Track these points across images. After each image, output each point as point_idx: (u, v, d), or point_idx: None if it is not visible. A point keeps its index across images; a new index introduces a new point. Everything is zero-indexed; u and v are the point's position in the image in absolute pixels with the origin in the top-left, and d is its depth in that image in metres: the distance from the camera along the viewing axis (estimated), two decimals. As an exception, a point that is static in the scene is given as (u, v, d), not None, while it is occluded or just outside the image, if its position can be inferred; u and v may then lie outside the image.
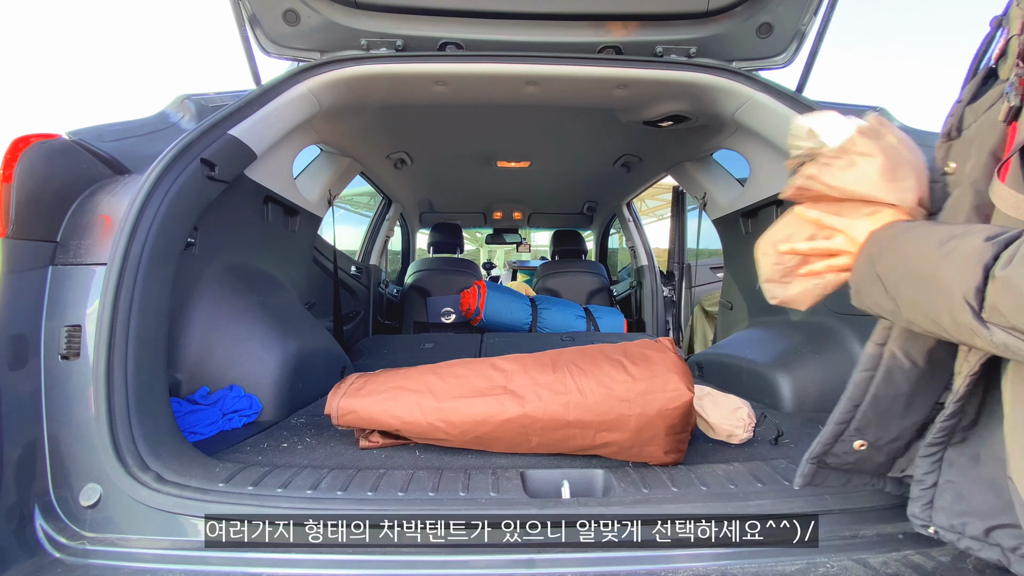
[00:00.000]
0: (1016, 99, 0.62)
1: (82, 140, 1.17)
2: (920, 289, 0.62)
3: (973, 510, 0.73)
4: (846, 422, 0.81)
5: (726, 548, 0.91)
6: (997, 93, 0.68)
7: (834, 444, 0.83)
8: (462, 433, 1.16)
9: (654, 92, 1.81)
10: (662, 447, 1.11)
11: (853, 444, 0.82)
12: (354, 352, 2.69)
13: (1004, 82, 0.67)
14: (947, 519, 0.75)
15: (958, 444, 0.75)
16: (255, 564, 0.88)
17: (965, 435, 0.74)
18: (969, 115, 0.74)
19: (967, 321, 0.55)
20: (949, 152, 0.77)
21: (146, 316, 1.09)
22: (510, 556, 0.90)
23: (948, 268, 0.57)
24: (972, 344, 0.59)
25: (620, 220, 4.00)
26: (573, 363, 1.20)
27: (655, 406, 1.09)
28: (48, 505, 0.97)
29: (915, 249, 0.63)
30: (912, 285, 0.63)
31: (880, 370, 0.78)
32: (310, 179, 2.32)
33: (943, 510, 0.76)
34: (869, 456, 0.83)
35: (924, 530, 0.78)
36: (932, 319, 0.61)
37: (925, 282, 0.61)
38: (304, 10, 1.65)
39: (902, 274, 0.64)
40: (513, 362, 1.24)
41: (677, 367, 1.14)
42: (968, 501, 0.73)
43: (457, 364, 1.28)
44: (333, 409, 1.22)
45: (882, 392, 0.78)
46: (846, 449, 0.83)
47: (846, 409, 0.81)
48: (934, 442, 0.75)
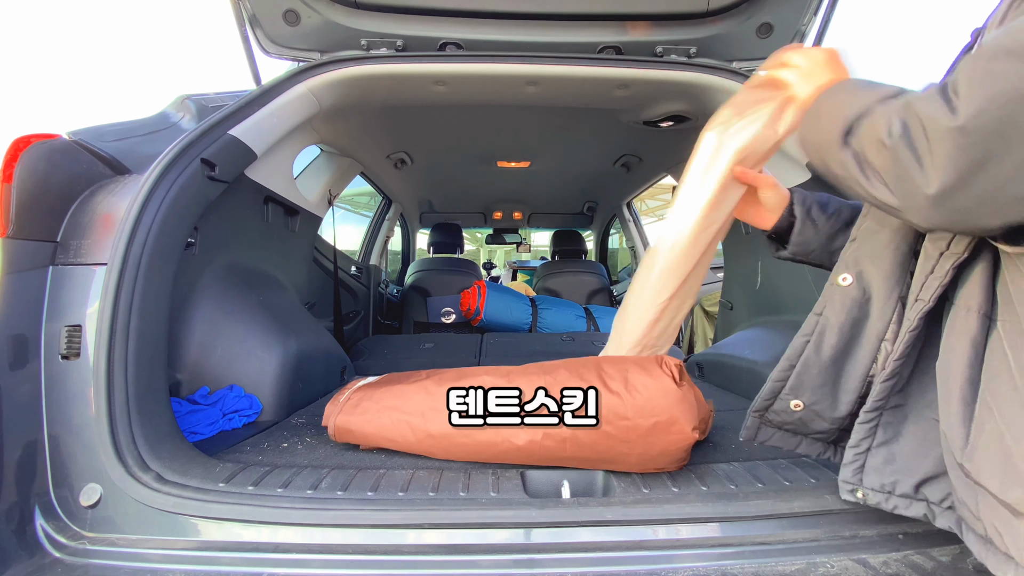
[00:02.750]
0: None
1: (82, 140, 1.17)
2: (826, 116, 0.70)
3: (903, 468, 0.78)
4: (783, 380, 0.87)
5: (726, 548, 0.91)
6: None
7: (773, 401, 0.89)
8: (456, 458, 1.15)
9: (654, 92, 1.81)
10: (663, 467, 1.09)
11: (790, 403, 0.87)
12: (354, 352, 2.69)
13: None
14: (878, 479, 0.79)
15: (892, 408, 0.79)
16: (255, 564, 0.88)
17: (899, 399, 0.79)
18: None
19: (837, 139, 0.65)
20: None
21: (146, 316, 1.09)
22: (510, 556, 0.90)
23: (849, 98, 0.68)
24: (829, 167, 0.69)
25: (620, 220, 4.00)
26: (568, 387, 1.10)
27: (657, 448, 1.04)
28: (48, 505, 0.97)
29: (844, 88, 0.72)
30: (824, 111, 0.72)
31: (814, 336, 0.84)
32: (310, 179, 2.32)
33: (874, 471, 0.80)
34: (810, 419, 0.88)
35: (852, 495, 0.82)
36: (817, 140, 0.71)
37: (831, 111, 0.70)
38: (304, 10, 1.65)
39: (828, 105, 0.72)
40: (505, 383, 1.15)
41: (682, 403, 1.04)
42: (899, 460, 0.78)
43: (448, 380, 1.20)
44: (330, 426, 1.22)
45: (812, 357, 0.84)
46: (784, 407, 0.88)
47: (783, 368, 0.87)
48: (872, 407, 0.79)
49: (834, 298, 0.83)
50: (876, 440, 0.80)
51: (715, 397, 1.85)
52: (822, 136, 0.69)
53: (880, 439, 0.80)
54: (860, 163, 0.63)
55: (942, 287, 0.70)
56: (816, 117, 0.73)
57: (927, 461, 0.77)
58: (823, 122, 0.70)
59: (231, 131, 1.41)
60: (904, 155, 0.56)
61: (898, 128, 0.57)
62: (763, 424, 0.93)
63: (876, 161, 0.60)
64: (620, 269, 4.95)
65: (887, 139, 0.58)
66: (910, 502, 0.78)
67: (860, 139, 0.62)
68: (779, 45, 1.80)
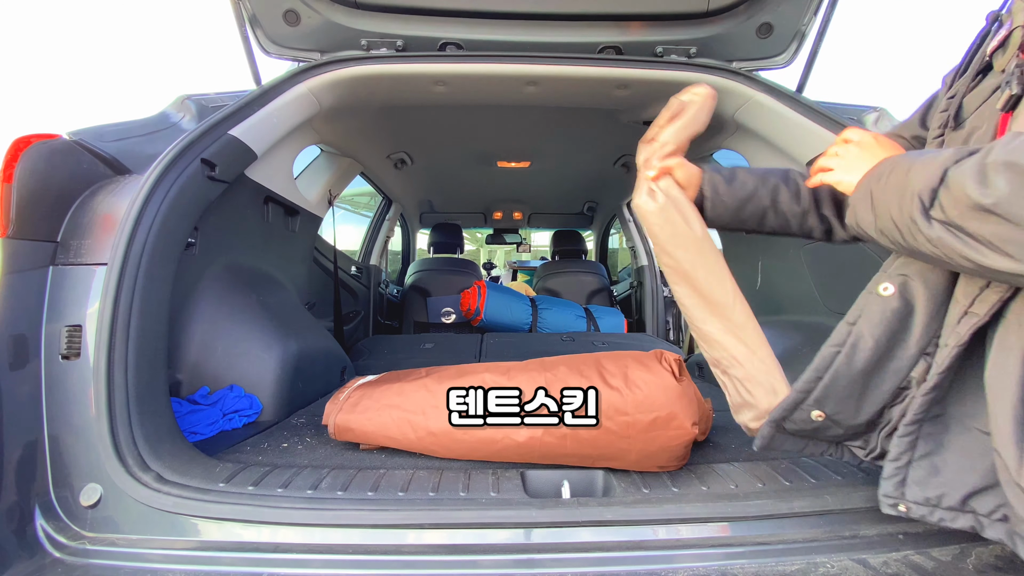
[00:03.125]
0: (1017, 87, 0.65)
1: (82, 140, 1.17)
2: (891, 194, 0.67)
3: (949, 481, 0.75)
4: (807, 391, 0.83)
5: (726, 548, 0.91)
6: (993, 85, 0.71)
7: (793, 411, 0.85)
8: (457, 456, 1.15)
9: (654, 92, 1.81)
10: (663, 465, 1.10)
11: (811, 414, 0.84)
12: (354, 352, 2.69)
13: (1000, 73, 0.70)
14: (921, 492, 0.77)
15: (934, 418, 0.77)
16: (255, 564, 0.88)
17: (939, 409, 0.76)
18: (967, 107, 0.75)
19: (916, 215, 0.62)
20: (944, 145, 0.79)
21: (146, 316, 1.09)
22: (510, 556, 0.90)
23: (915, 173, 0.63)
24: (915, 243, 0.65)
25: (620, 220, 4.00)
26: (568, 387, 1.10)
27: (657, 444, 1.04)
28: (48, 505, 0.97)
29: (903, 165, 0.68)
30: (890, 193, 0.68)
31: (845, 347, 0.80)
32: (310, 179, 2.32)
33: (917, 484, 0.77)
34: (827, 427, 0.86)
35: (893, 509, 0.80)
36: (894, 221, 0.67)
37: (897, 188, 0.66)
38: (304, 10, 1.65)
39: (888, 186, 0.69)
40: (506, 379, 1.16)
41: (681, 398, 1.05)
42: (944, 473, 0.75)
43: (448, 379, 1.21)
44: (330, 424, 1.22)
45: (843, 369, 0.80)
46: (804, 417, 0.85)
47: (809, 379, 0.83)
48: (913, 420, 0.77)
49: (871, 308, 0.79)
50: (917, 452, 0.77)
51: (715, 397, 1.86)
52: (897, 221, 0.65)
53: (922, 451, 0.77)
54: (957, 235, 0.58)
55: (1001, 302, 0.67)
56: (878, 204, 0.69)
57: (974, 474, 0.74)
58: (890, 207, 0.66)
59: (231, 131, 1.41)
60: (1016, 211, 0.52)
61: (1003, 185, 0.52)
62: (778, 432, 0.90)
63: (980, 228, 0.56)
64: (620, 269, 4.95)
65: (986, 200, 0.54)
66: (956, 515, 0.75)
67: (948, 210, 0.58)
68: (779, 45, 1.81)
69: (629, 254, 4.03)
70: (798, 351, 1.70)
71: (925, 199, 0.61)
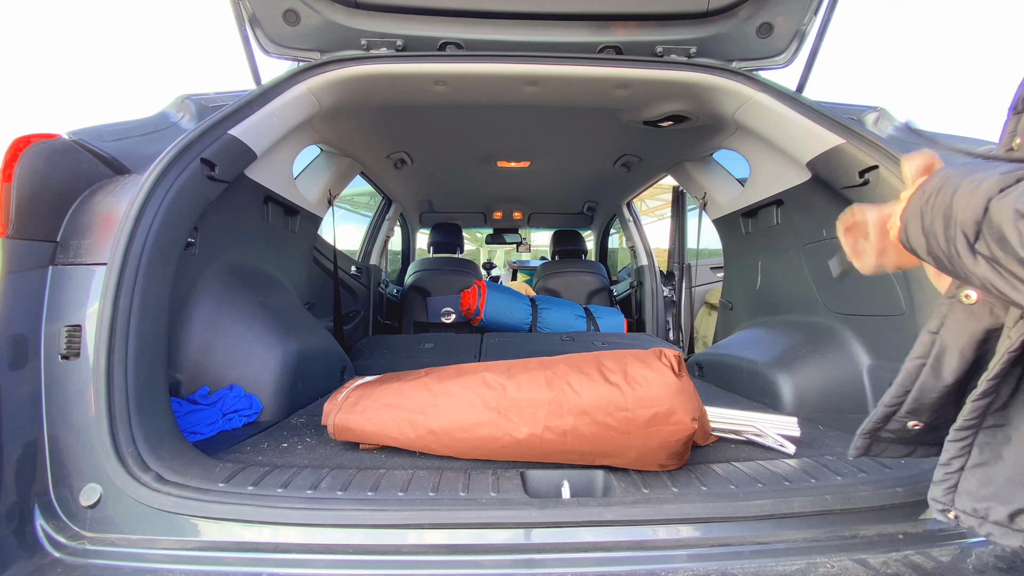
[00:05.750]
0: None
1: (82, 140, 1.17)
2: (938, 220, 0.61)
3: (998, 495, 0.72)
4: (896, 405, 0.81)
5: (726, 548, 0.91)
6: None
7: (885, 423, 0.83)
8: (457, 454, 1.16)
9: (654, 92, 1.81)
10: (663, 463, 1.10)
11: (907, 424, 0.82)
12: (354, 352, 2.69)
13: None
14: (971, 503, 0.74)
15: (990, 428, 0.74)
16: (255, 564, 0.88)
17: (997, 419, 0.73)
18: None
19: (962, 249, 0.56)
20: (1018, 126, 0.72)
21: (146, 316, 1.09)
22: (510, 556, 0.90)
23: (960, 200, 0.57)
24: (966, 278, 0.59)
25: (620, 220, 4.00)
26: (568, 384, 1.12)
27: (657, 439, 1.04)
28: (48, 505, 0.97)
29: (950, 186, 0.62)
30: (937, 218, 0.62)
31: (930, 359, 0.77)
32: (310, 179, 2.32)
33: (968, 494, 0.75)
34: (928, 431, 0.83)
35: (943, 515, 0.77)
36: (943, 250, 0.61)
37: (943, 215, 0.60)
38: (304, 10, 1.65)
39: (935, 208, 0.63)
40: (506, 377, 1.17)
41: (680, 394, 1.05)
42: (995, 485, 0.72)
43: (448, 378, 1.21)
44: (330, 424, 1.22)
45: (930, 382, 0.77)
46: (900, 427, 0.83)
47: (896, 394, 0.80)
48: (965, 425, 0.74)
49: (955, 315, 0.75)
50: (971, 461, 0.74)
51: (715, 397, 1.86)
52: (945, 251, 0.60)
53: (976, 460, 0.74)
54: (1002, 274, 0.53)
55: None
56: (927, 229, 0.63)
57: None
58: (938, 236, 0.61)
59: (231, 131, 1.41)
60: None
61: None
62: (875, 442, 0.87)
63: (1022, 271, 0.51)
64: (620, 269, 4.95)
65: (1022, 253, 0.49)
66: (1005, 531, 0.72)
67: (992, 248, 0.53)
68: (779, 45, 1.81)
69: (629, 254, 4.03)
70: (798, 351, 1.70)
71: (969, 233, 0.55)
